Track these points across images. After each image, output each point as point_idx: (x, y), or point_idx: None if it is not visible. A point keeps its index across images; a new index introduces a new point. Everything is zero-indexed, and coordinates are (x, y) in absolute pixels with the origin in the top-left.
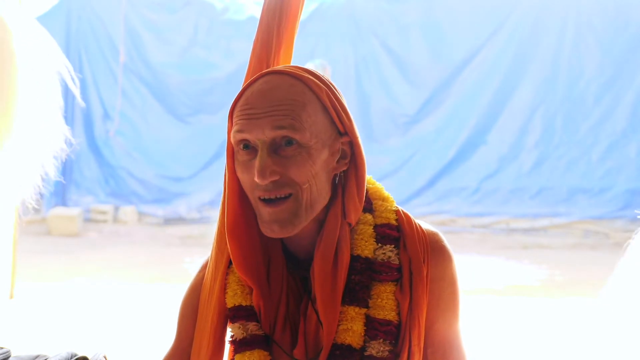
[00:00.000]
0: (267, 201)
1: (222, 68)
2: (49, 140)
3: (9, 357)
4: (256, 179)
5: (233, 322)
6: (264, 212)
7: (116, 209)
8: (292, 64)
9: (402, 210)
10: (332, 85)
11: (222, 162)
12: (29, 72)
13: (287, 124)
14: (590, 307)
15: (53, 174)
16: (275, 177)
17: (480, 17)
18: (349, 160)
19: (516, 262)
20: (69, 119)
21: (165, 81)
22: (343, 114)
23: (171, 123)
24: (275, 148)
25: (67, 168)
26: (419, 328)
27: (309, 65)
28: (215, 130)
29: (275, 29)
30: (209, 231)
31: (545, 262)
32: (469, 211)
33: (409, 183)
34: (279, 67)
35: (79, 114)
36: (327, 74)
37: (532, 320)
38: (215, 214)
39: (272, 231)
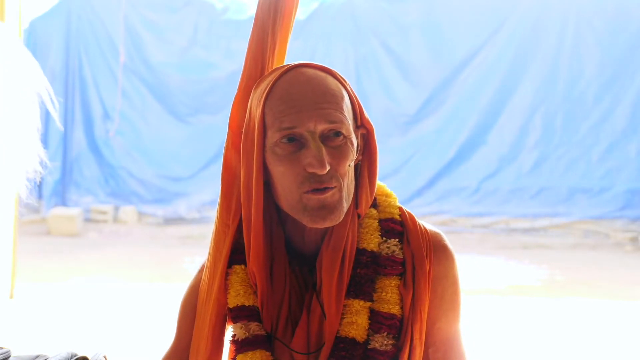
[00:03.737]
0: (316, 191)
1: (222, 68)
2: (23, 161)
3: (9, 357)
4: (313, 169)
5: (235, 322)
6: (312, 200)
7: (116, 209)
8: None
9: (405, 209)
10: None
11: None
12: (8, 93)
13: (337, 118)
14: (590, 307)
15: (25, 195)
16: (329, 167)
17: (480, 17)
18: (362, 153)
19: (516, 262)
20: (69, 119)
21: (165, 81)
22: (362, 106)
23: (171, 123)
24: (322, 139)
25: (67, 168)
26: (421, 322)
27: None
28: (215, 130)
29: (270, 28)
30: (209, 231)
31: (545, 262)
32: (469, 211)
33: (409, 183)
34: (301, 62)
35: (79, 114)
36: None
37: (532, 320)
38: (215, 214)
39: (322, 218)
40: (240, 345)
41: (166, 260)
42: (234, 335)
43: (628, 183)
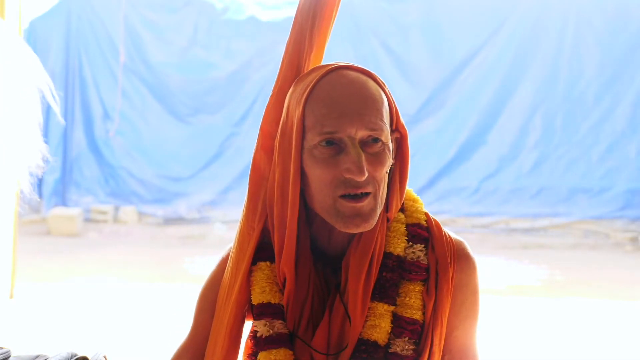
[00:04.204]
0: (350, 197)
1: (222, 68)
2: (25, 156)
3: (9, 357)
4: (351, 175)
5: (259, 318)
6: (346, 207)
7: (116, 209)
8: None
9: (430, 215)
10: None
11: (222, 162)
12: (9, 88)
13: (377, 126)
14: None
15: (28, 190)
16: (367, 174)
17: (480, 17)
18: (394, 156)
19: (516, 262)
20: (69, 119)
21: (165, 81)
22: (398, 110)
23: (171, 123)
24: (362, 144)
25: (67, 168)
26: (441, 328)
27: None
28: (215, 130)
29: (308, 31)
30: (209, 231)
31: (545, 262)
32: (469, 211)
33: (409, 183)
34: (342, 63)
35: (79, 114)
36: None
37: (532, 320)
38: (215, 214)
39: (355, 225)
40: (263, 343)
41: (166, 260)
42: (255, 332)
43: (628, 183)
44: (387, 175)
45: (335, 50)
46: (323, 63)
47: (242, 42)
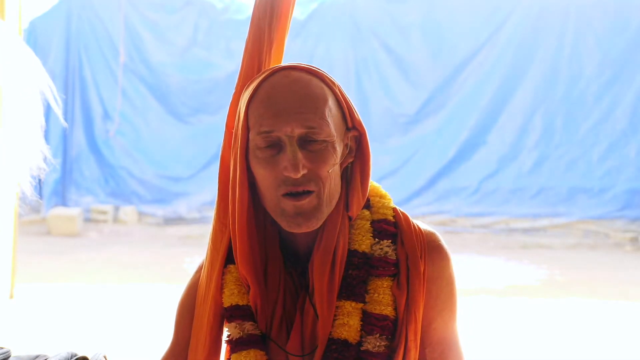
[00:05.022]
0: (292, 195)
1: (222, 68)
2: (27, 158)
3: (9, 357)
4: (288, 173)
5: (230, 321)
6: (288, 206)
7: (116, 209)
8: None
9: (399, 209)
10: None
11: None
12: (10, 89)
13: (316, 124)
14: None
15: (29, 192)
16: (305, 171)
17: (480, 17)
18: (354, 154)
19: (516, 262)
20: (69, 119)
21: (165, 81)
22: (353, 108)
23: (171, 123)
24: (302, 142)
25: (67, 168)
26: (416, 324)
27: None
28: (215, 130)
29: (266, 27)
30: (209, 231)
31: (545, 262)
32: (469, 211)
33: (409, 183)
34: (290, 63)
35: (79, 114)
36: None
37: (532, 320)
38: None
39: (297, 225)
40: (234, 345)
41: (166, 260)
42: (229, 335)
43: (628, 183)
44: (335, 172)
45: (335, 51)
46: (284, 59)
47: (242, 42)
